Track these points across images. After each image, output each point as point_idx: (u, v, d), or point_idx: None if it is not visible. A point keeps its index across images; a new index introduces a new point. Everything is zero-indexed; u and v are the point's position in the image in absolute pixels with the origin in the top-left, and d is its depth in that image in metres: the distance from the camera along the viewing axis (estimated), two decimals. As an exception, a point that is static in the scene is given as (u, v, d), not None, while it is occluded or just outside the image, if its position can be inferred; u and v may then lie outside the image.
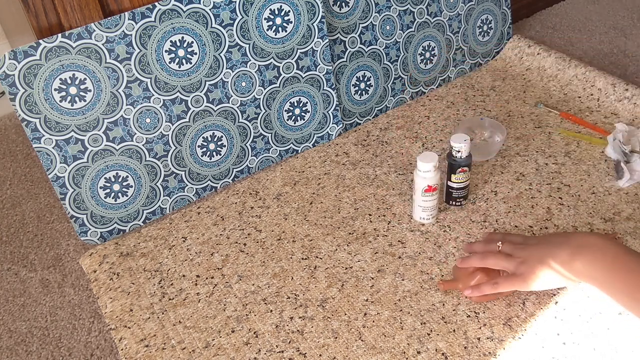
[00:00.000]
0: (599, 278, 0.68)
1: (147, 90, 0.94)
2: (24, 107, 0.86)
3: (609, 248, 0.68)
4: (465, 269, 0.80)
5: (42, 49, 0.84)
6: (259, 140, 1.08)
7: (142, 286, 0.89)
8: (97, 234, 0.98)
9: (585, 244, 0.70)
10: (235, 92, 1.02)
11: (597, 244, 0.69)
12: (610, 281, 0.67)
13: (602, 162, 1.02)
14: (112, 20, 0.87)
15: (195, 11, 0.93)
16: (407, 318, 0.79)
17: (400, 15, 1.16)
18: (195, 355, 0.78)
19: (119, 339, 0.81)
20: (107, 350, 0.86)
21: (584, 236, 0.72)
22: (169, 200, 1.03)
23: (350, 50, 1.13)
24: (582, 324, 0.76)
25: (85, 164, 0.93)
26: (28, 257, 1.03)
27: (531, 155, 1.05)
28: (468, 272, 0.80)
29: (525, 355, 0.73)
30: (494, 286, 0.76)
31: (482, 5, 1.27)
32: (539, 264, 0.72)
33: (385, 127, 1.17)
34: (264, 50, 1.01)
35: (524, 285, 0.73)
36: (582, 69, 1.20)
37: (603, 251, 0.68)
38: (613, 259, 0.67)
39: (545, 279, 0.72)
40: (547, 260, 0.71)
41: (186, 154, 1.01)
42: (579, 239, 0.71)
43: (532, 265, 0.72)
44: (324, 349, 0.77)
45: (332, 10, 1.07)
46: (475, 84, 1.27)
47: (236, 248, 0.93)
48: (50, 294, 0.96)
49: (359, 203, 0.99)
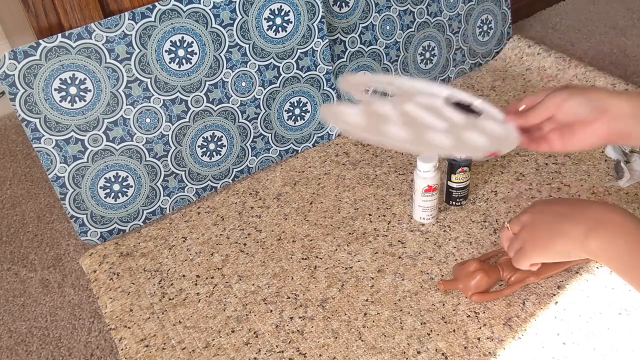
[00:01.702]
0: (617, 261, 0.61)
1: (147, 90, 0.94)
2: (24, 107, 0.86)
3: (630, 226, 0.60)
4: (465, 269, 0.80)
5: (42, 49, 0.84)
6: (259, 140, 1.08)
7: (142, 286, 0.89)
8: (97, 234, 0.98)
9: (603, 220, 0.62)
10: (235, 92, 1.02)
11: (617, 220, 0.61)
12: (630, 266, 0.60)
13: (602, 162, 1.02)
14: (112, 20, 0.87)
15: (195, 11, 0.93)
16: (407, 318, 0.79)
17: (400, 15, 1.16)
18: (195, 355, 0.78)
19: (119, 339, 0.81)
20: (107, 350, 0.86)
21: (602, 209, 0.63)
22: (169, 200, 1.03)
23: (350, 50, 1.13)
24: (582, 324, 0.76)
25: (85, 164, 0.93)
26: (28, 257, 1.03)
27: (531, 155, 1.05)
28: (468, 272, 0.79)
29: (525, 355, 0.73)
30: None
31: (482, 5, 1.27)
32: (544, 244, 0.66)
33: (385, 127, 1.17)
34: (264, 50, 1.01)
35: (522, 262, 0.70)
36: (582, 69, 1.20)
37: (623, 230, 0.60)
38: (632, 241, 0.60)
39: (550, 257, 0.67)
40: (557, 240, 0.65)
41: (186, 154, 1.01)
42: (596, 213, 0.63)
43: (538, 243, 0.68)
44: (324, 349, 0.77)
45: (332, 10, 1.07)
46: (475, 84, 1.27)
47: (236, 248, 0.93)
48: (50, 294, 0.96)
49: (359, 203, 0.99)
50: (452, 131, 0.69)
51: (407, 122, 0.69)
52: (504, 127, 0.70)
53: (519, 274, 0.79)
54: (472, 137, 0.68)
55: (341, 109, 0.71)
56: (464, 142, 0.67)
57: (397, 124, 0.68)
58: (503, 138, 0.68)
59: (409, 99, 0.75)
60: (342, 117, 0.69)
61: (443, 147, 0.66)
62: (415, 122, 0.70)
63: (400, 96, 0.76)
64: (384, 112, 0.71)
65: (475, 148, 0.67)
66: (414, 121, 0.70)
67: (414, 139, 0.66)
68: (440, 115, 0.72)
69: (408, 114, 0.72)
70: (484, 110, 0.73)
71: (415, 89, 0.78)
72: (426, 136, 0.67)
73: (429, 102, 0.75)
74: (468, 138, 0.68)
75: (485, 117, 0.72)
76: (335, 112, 0.70)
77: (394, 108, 0.72)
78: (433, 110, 0.73)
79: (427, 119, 0.71)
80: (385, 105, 0.72)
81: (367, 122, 0.69)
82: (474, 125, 0.71)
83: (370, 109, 0.71)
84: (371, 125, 0.68)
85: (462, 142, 0.67)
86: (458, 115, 0.72)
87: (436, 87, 0.78)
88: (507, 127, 0.70)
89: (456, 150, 0.68)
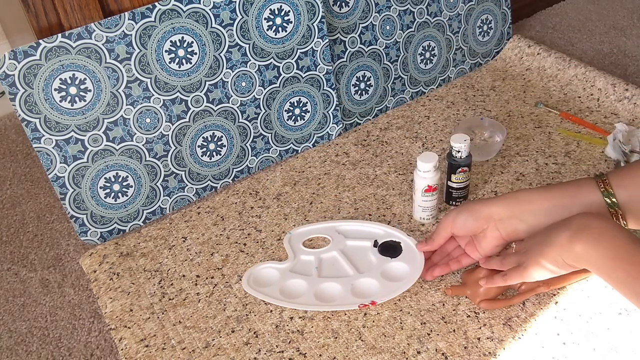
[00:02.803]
0: (599, 264, 0.63)
1: (147, 90, 0.94)
2: (24, 107, 0.86)
3: (610, 231, 0.63)
4: (474, 276, 0.79)
5: (42, 49, 0.84)
6: (259, 140, 1.08)
7: (142, 286, 0.89)
8: (97, 234, 0.98)
9: (586, 226, 0.65)
10: (235, 92, 1.02)
11: (599, 226, 0.64)
12: (611, 269, 0.62)
13: (602, 162, 1.02)
14: (112, 20, 0.87)
15: (195, 11, 0.93)
16: (407, 318, 0.79)
17: (400, 15, 1.16)
18: (195, 355, 0.78)
19: (119, 339, 0.81)
20: (107, 350, 0.86)
21: (585, 216, 0.66)
22: (169, 200, 1.03)
23: (350, 50, 1.13)
24: (582, 324, 0.76)
25: (85, 164, 0.93)
26: (28, 257, 1.03)
27: (531, 155, 1.05)
28: (477, 277, 0.79)
29: (525, 355, 0.73)
30: (504, 278, 0.74)
31: (482, 5, 1.27)
32: (537, 255, 0.69)
33: (385, 127, 1.17)
34: (264, 50, 1.01)
35: (525, 275, 0.71)
36: (582, 69, 1.20)
37: (607, 234, 0.63)
38: (616, 246, 0.62)
39: (546, 267, 0.69)
40: (545, 249, 0.68)
41: (186, 154, 1.01)
42: (580, 220, 0.66)
43: (530, 255, 0.70)
44: (324, 349, 0.77)
45: (332, 10, 1.07)
46: (475, 84, 1.27)
47: (236, 248, 0.93)
48: (50, 294, 0.96)
49: (359, 203, 0.99)
50: (348, 282, 0.83)
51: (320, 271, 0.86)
52: (412, 265, 0.84)
53: (529, 282, 0.78)
54: (366, 283, 0.83)
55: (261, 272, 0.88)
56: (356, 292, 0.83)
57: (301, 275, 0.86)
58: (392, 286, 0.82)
59: (342, 241, 0.90)
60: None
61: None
62: (331, 268, 0.87)
63: (336, 240, 0.91)
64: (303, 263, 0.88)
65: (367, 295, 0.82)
66: (326, 268, 0.87)
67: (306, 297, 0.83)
68: (360, 260, 0.87)
69: (325, 261, 0.88)
70: (405, 248, 0.87)
71: (354, 231, 0.93)
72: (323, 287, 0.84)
73: (358, 245, 0.89)
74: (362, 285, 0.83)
75: (404, 255, 0.86)
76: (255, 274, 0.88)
77: (314, 258, 0.88)
78: (356, 253, 0.88)
79: (341, 265, 0.87)
80: (308, 255, 0.89)
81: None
82: (378, 271, 0.85)
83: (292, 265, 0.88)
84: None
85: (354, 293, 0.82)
86: (376, 258, 0.86)
87: (373, 226, 0.92)
88: (413, 266, 0.84)
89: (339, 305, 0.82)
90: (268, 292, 0.84)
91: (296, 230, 0.94)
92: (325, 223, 0.95)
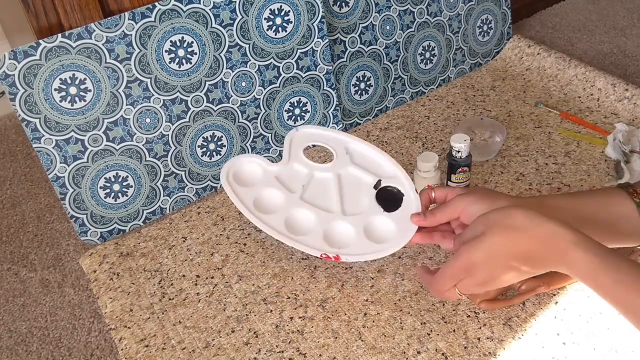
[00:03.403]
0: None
1: (147, 90, 0.94)
2: (24, 107, 0.86)
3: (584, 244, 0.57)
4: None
5: (42, 49, 0.84)
6: (259, 140, 1.08)
7: (142, 286, 0.89)
8: (97, 234, 0.98)
9: (511, 225, 0.59)
10: (235, 92, 1.02)
11: (523, 225, 0.59)
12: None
13: (602, 162, 1.02)
14: (112, 20, 0.87)
15: (195, 11, 0.93)
16: (407, 318, 0.79)
17: (400, 15, 1.16)
18: (195, 355, 0.78)
19: (119, 339, 0.81)
20: (107, 350, 0.86)
21: (505, 215, 0.60)
22: (169, 200, 1.03)
23: (350, 50, 1.13)
24: (582, 324, 0.76)
25: (85, 164, 0.93)
26: (28, 257, 1.03)
27: (531, 155, 1.05)
28: None
29: (525, 355, 0.73)
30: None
31: (482, 5, 1.27)
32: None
33: (385, 127, 1.17)
34: (264, 50, 1.01)
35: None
36: (582, 69, 1.20)
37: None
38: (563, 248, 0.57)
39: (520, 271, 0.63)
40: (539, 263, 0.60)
41: (186, 154, 1.01)
42: (502, 220, 0.60)
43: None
44: (324, 349, 0.77)
45: (332, 10, 1.07)
46: (475, 84, 1.27)
47: (236, 248, 0.93)
48: (50, 294, 0.96)
49: (359, 203, 0.99)
50: (325, 220, 0.74)
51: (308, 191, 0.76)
52: (404, 226, 0.74)
53: (529, 282, 0.78)
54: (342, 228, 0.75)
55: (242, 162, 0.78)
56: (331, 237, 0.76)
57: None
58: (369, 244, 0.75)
59: (346, 164, 0.79)
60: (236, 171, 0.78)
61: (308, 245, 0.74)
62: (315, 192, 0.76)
63: (340, 160, 0.79)
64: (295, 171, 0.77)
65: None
66: (314, 190, 0.76)
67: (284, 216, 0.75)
68: (352, 195, 0.76)
69: (319, 181, 0.77)
70: (406, 199, 0.77)
71: (364, 157, 0.80)
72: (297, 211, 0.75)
73: (359, 177, 0.78)
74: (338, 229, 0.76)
75: (399, 213, 0.76)
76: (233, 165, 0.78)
77: (309, 171, 0.77)
78: (353, 186, 0.77)
79: (329, 194, 0.76)
80: (303, 167, 0.78)
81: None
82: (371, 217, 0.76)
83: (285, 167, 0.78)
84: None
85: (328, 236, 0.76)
86: (369, 202, 0.77)
87: (386, 161, 0.80)
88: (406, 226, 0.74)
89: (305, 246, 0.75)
90: (242, 195, 0.74)
91: (304, 128, 0.82)
92: (338, 133, 0.81)
